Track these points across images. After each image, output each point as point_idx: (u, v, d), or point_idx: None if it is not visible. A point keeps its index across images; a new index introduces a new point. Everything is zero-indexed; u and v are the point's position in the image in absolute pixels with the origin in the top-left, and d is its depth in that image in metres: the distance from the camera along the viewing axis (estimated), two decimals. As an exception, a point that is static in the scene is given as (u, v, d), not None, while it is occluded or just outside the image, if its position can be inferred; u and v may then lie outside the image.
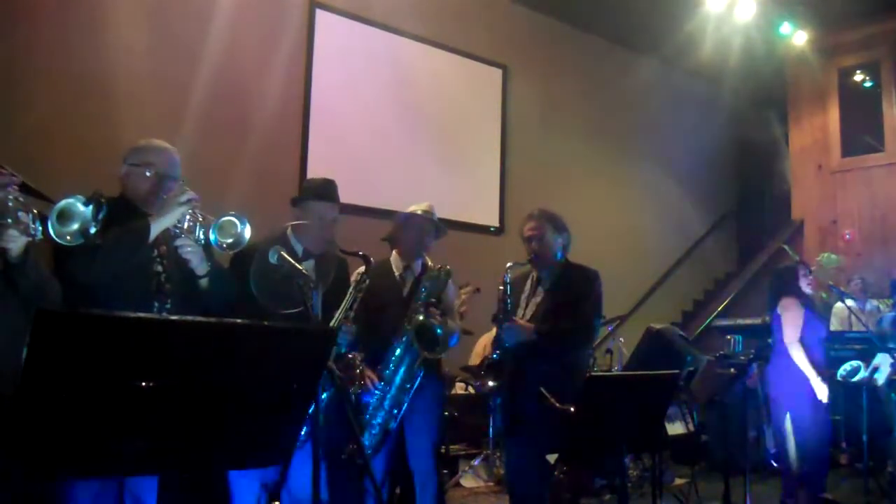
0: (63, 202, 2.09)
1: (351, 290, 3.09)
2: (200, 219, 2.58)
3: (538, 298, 3.61)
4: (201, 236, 2.58)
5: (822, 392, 4.60)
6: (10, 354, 1.94)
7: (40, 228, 2.08)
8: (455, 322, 3.71)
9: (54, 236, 2.06)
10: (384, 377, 3.37)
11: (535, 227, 3.63)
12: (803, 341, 4.68)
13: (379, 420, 3.34)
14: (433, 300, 3.42)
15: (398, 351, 3.40)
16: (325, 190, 3.22)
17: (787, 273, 5.01)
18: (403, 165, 7.19)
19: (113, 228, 2.43)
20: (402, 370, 3.38)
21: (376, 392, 3.33)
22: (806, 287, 4.80)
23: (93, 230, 2.11)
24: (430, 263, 3.66)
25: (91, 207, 2.11)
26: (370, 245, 3.68)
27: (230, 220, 2.55)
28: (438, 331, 3.32)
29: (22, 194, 2.08)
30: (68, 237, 2.09)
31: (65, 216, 2.09)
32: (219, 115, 5.85)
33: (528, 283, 3.69)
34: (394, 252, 3.73)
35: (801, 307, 4.75)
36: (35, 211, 2.09)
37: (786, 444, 4.79)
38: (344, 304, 3.05)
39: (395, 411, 3.37)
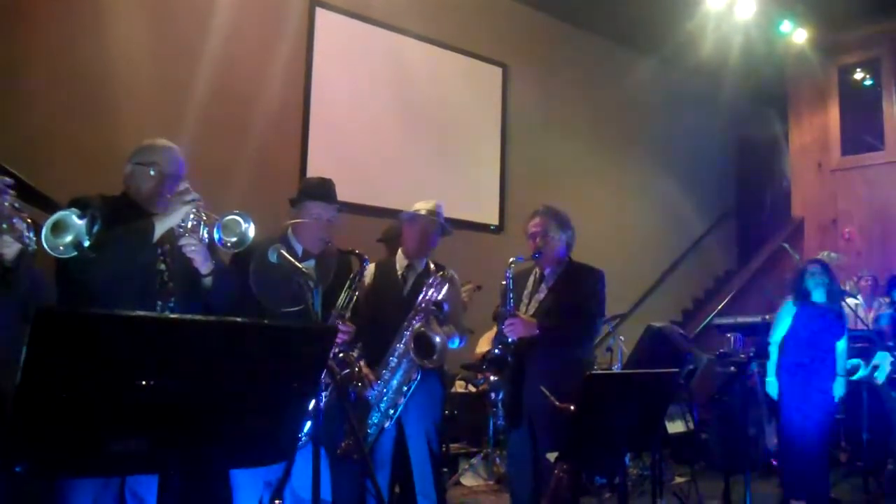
0: (58, 214, 2.08)
1: (345, 288, 3.08)
2: (204, 218, 2.59)
3: (541, 295, 3.61)
4: (205, 235, 2.59)
5: (771, 389, 4.75)
6: (7, 356, 1.95)
7: (34, 238, 2.07)
8: (458, 326, 3.70)
9: (47, 248, 2.05)
10: (382, 377, 3.36)
11: (539, 223, 3.63)
12: (790, 339, 4.73)
13: (374, 420, 3.34)
14: (434, 307, 3.41)
15: (396, 353, 3.39)
16: (322, 190, 3.21)
17: (795, 273, 5.03)
18: (403, 164, 7.18)
19: (117, 227, 2.43)
20: (399, 373, 3.37)
21: (373, 391, 3.32)
22: (820, 285, 4.78)
23: (86, 243, 2.10)
24: (432, 266, 3.65)
25: (85, 221, 2.10)
26: (370, 244, 3.69)
27: (234, 219, 2.56)
28: (436, 340, 3.31)
29: (18, 201, 2.07)
30: (61, 248, 2.08)
31: (59, 228, 2.08)
32: (219, 115, 5.84)
33: (531, 279, 3.69)
34: (399, 251, 3.73)
35: (791, 306, 4.78)
36: (30, 220, 2.09)
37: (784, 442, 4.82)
38: (339, 303, 3.05)
39: (391, 412, 3.36)
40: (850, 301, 6.27)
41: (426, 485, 3.47)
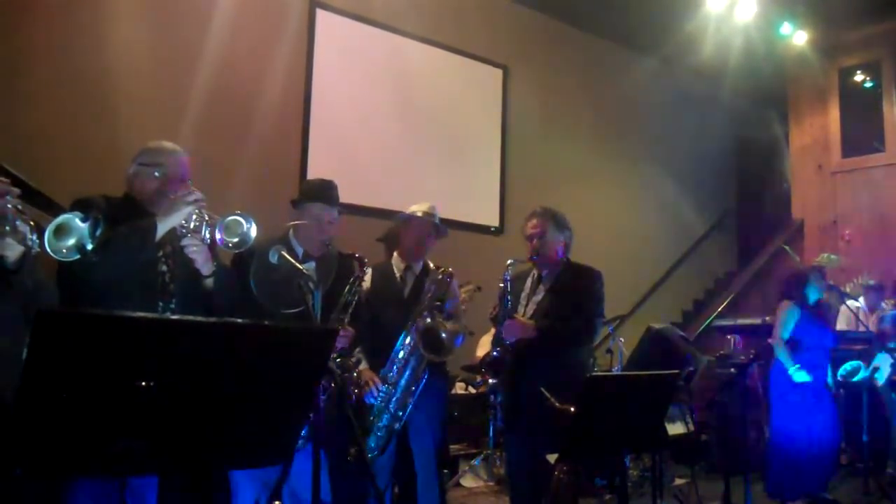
0: (61, 217, 2.08)
1: (345, 292, 3.07)
2: (207, 218, 2.59)
3: (539, 297, 3.61)
4: (207, 236, 2.59)
5: (800, 376, 4.75)
6: (8, 357, 1.95)
7: (37, 241, 2.07)
8: (460, 324, 3.70)
9: (50, 251, 2.05)
10: (388, 379, 3.36)
11: (536, 224, 3.63)
12: (793, 343, 4.74)
13: (384, 422, 3.34)
14: (438, 303, 3.42)
15: (402, 353, 3.39)
16: (323, 192, 3.21)
17: (794, 278, 5.04)
18: (403, 165, 7.19)
19: (119, 227, 2.43)
20: (407, 373, 3.37)
21: (380, 394, 3.32)
22: (819, 292, 4.81)
23: (89, 246, 2.10)
24: (430, 265, 3.65)
25: (88, 224, 2.10)
26: (370, 245, 3.69)
27: (236, 220, 2.55)
28: (443, 335, 3.32)
29: (21, 203, 2.07)
30: (64, 251, 2.08)
31: (62, 231, 2.08)
32: (219, 115, 5.84)
33: (529, 281, 3.69)
34: (395, 253, 3.73)
35: (795, 309, 4.80)
36: (32, 223, 2.09)
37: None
38: (338, 306, 3.05)
39: (401, 413, 3.36)
40: (851, 303, 6.28)
41: (430, 484, 3.47)
